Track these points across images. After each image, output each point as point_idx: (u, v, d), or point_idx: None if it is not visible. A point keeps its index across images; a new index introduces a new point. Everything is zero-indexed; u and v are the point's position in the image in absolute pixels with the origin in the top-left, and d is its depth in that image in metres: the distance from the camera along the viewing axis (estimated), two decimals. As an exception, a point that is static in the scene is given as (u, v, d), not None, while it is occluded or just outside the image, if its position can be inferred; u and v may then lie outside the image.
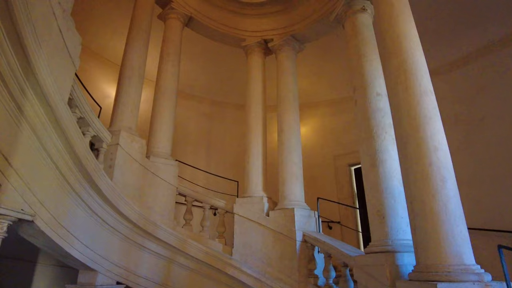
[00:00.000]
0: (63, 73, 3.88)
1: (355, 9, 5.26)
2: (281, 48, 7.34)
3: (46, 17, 3.43)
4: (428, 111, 3.42)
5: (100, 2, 7.81)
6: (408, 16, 3.96)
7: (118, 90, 5.93)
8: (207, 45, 8.74)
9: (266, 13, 7.79)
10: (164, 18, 7.50)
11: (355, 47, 5.04)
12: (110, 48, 8.97)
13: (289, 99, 6.77)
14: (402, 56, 3.72)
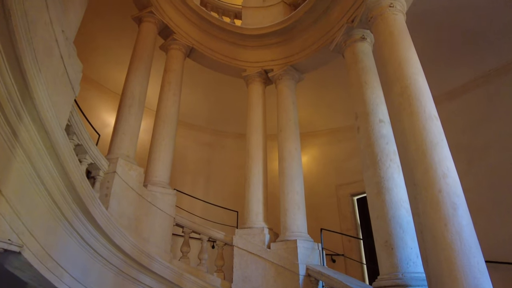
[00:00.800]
0: (62, 99, 3.83)
1: (355, 38, 5.35)
2: (281, 78, 7.41)
3: (48, 42, 3.43)
4: (435, 136, 3.34)
5: (102, 34, 7.99)
6: (408, 43, 3.99)
7: (118, 118, 5.89)
8: (208, 75, 8.84)
9: (266, 45, 7.96)
10: (166, 48, 7.64)
11: (356, 75, 5.07)
12: (111, 78, 9.07)
13: (290, 127, 6.73)
14: (404, 82, 3.71)
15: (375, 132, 4.49)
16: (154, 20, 7.18)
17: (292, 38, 7.43)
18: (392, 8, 4.35)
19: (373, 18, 4.59)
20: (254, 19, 8.43)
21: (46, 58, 3.42)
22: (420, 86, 3.66)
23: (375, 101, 4.69)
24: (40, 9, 3.29)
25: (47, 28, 3.47)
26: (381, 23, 4.38)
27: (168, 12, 7.62)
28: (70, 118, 4.28)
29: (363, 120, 4.68)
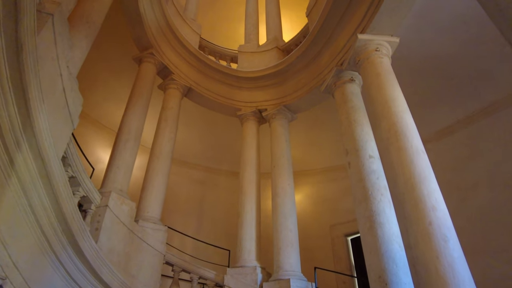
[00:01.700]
0: (61, 130, 3.93)
1: (344, 80, 5.67)
2: (275, 117, 7.66)
3: (53, 76, 3.60)
4: (423, 170, 3.45)
5: (103, 72, 8.31)
6: (394, 83, 4.26)
7: (113, 152, 5.95)
8: (204, 114, 9.09)
9: (261, 86, 8.32)
10: (164, 88, 7.93)
11: (346, 113, 5.30)
12: (109, 116, 9.26)
13: (283, 164, 6.83)
14: (392, 119, 3.90)
15: (365, 168, 4.61)
16: (154, 61, 7.53)
17: (285, 80, 7.80)
18: (378, 52, 4.69)
19: (360, 61, 4.93)
20: (249, 63, 8.88)
21: (50, 90, 3.57)
22: (406, 122, 3.85)
23: (365, 138, 4.86)
24: (49, 45, 3.50)
25: (53, 63, 3.67)
26: (368, 66, 4.70)
27: (167, 54, 8.02)
28: (67, 150, 4.34)
29: (354, 156, 4.82)
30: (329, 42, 6.18)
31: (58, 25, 3.64)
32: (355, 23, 5.18)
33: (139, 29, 7.21)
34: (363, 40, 4.85)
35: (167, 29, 8.06)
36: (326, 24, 6.08)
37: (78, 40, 4.66)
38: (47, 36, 3.44)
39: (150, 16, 7.41)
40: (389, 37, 4.79)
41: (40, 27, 3.31)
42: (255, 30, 10.04)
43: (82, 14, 4.82)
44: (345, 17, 5.55)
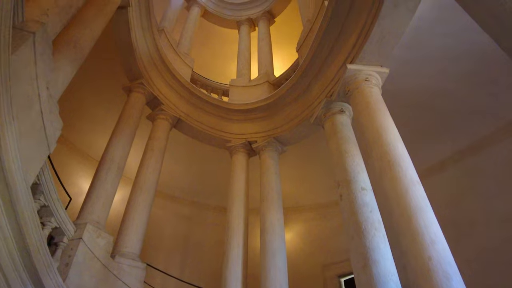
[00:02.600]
0: (34, 153, 3.67)
1: (334, 111, 5.60)
2: (264, 149, 7.50)
3: (30, 95, 3.42)
4: (419, 201, 3.24)
5: (92, 101, 8.20)
6: (385, 112, 4.17)
7: (94, 181, 5.64)
8: (192, 145, 8.90)
9: (251, 118, 8.25)
10: (153, 118, 7.79)
11: (336, 144, 5.16)
12: (95, 145, 9.00)
13: (273, 197, 6.55)
14: (384, 147, 3.75)
15: (357, 200, 4.38)
16: (143, 91, 7.46)
17: (275, 113, 7.74)
18: (368, 82, 4.67)
19: (350, 91, 4.89)
20: (240, 96, 8.88)
21: (25, 110, 3.36)
22: (399, 152, 3.70)
23: (356, 169, 4.68)
24: (28, 63, 3.34)
25: (31, 82, 3.49)
26: (358, 95, 4.65)
27: (158, 85, 7.98)
28: (40, 176, 4.04)
29: (345, 188, 4.60)
30: (319, 74, 6.21)
31: (40, 45, 3.52)
32: (344, 54, 5.21)
33: (130, 59, 7.21)
34: (352, 70, 4.84)
35: (159, 61, 8.09)
36: (315, 57, 6.14)
37: (63, 64, 4.55)
38: (26, 55, 3.30)
39: (142, 47, 7.46)
40: (379, 68, 4.80)
41: (19, 44, 3.18)
42: (247, 66, 10.19)
43: (71, 39, 4.76)
44: (334, 50, 5.61)
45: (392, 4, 3.80)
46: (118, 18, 6.58)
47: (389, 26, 4.12)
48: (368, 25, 4.38)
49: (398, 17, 3.99)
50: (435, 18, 4.70)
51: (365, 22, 4.46)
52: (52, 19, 4.01)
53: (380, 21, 4.06)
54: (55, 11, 4.11)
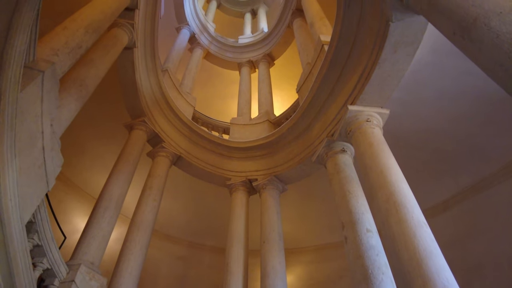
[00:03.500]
0: (32, 191, 3.59)
1: (336, 151, 5.61)
2: (265, 187, 7.41)
3: (33, 132, 3.41)
4: (428, 245, 3.13)
5: (92, 138, 8.21)
6: (388, 152, 4.17)
7: (90, 220, 5.48)
8: (191, 183, 8.80)
9: (252, 156, 8.24)
10: (153, 155, 7.77)
11: (339, 184, 5.09)
12: (93, 183, 8.88)
13: (274, 238, 6.33)
14: (389, 189, 3.70)
15: (363, 243, 4.22)
16: (145, 128, 7.51)
17: (276, 151, 7.75)
18: (369, 122, 4.72)
19: (351, 131, 4.93)
20: (241, 134, 8.95)
21: (27, 147, 3.34)
22: (405, 193, 3.65)
23: (360, 210, 4.58)
24: (35, 101, 3.38)
25: (36, 119, 3.51)
26: (360, 136, 4.68)
27: (160, 123, 8.06)
28: (36, 213, 3.93)
29: (350, 230, 4.46)
30: (319, 114, 6.30)
31: (48, 83, 3.59)
32: (345, 96, 5.32)
33: (133, 97, 7.34)
34: (353, 111, 4.92)
35: (162, 99, 8.25)
36: (316, 98, 6.27)
37: (68, 102, 4.60)
38: (33, 92, 3.34)
39: (145, 86, 7.63)
40: (379, 109, 4.89)
41: (27, 83, 3.23)
42: (247, 105, 10.38)
43: (77, 77, 4.87)
44: (335, 91, 5.74)
45: (392, 49, 3.95)
46: (123, 58, 6.79)
47: (389, 69, 4.26)
48: (368, 69, 4.52)
49: (398, 61, 4.14)
50: (432, 62, 4.87)
51: (365, 66, 4.61)
52: (62, 59, 4.13)
53: (381, 64, 4.20)
54: (65, 51, 4.24)
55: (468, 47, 1.98)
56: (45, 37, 4.20)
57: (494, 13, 1.78)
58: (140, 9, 6.81)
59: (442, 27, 2.30)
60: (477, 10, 1.89)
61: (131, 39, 6.51)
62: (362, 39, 4.73)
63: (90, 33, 4.86)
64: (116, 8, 5.81)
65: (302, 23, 10.11)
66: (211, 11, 15.61)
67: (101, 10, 5.30)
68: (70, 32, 4.49)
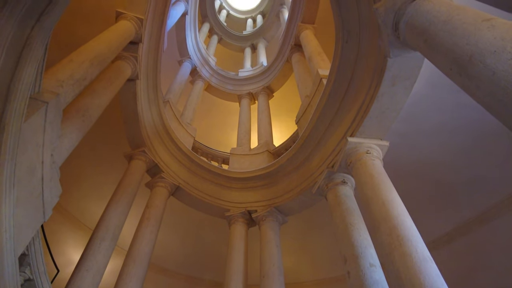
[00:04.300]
0: (28, 222, 3.52)
1: (336, 182, 5.57)
2: (265, 219, 7.28)
3: (33, 162, 3.40)
4: (434, 281, 3.03)
5: (92, 167, 8.18)
6: (389, 184, 4.14)
7: (85, 252, 5.33)
8: (189, 214, 8.67)
9: (251, 187, 8.17)
10: (152, 186, 7.71)
11: (341, 216, 5.01)
12: (89, 213, 8.74)
13: (274, 273, 6.12)
14: (392, 222, 3.64)
15: (367, 278, 4.09)
16: (145, 158, 7.51)
17: (276, 182, 7.70)
18: (369, 154, 4.74)
19: (352, 163, 4.93)
20: (240, 164, 8.93)
21: (26, 176, 3.31)
22: (408, 226, 3.58)
23: (363, 243, 4.47)
24: (37, 131, 3.40)
25: (37, 149, 3.51)
26: (361, 167, 4.67)
27: (160, 153, 8.07)
28: (30, 246, 3.84)
29: (353, 264, 4.34)
30: (319, 145, 6.33)
31: (51, 114, 3.63)
32: (345, 127, 5.38)
33: (134, 128, 7.40)
34: (353, 143, 4.95)
35: (163, 130, 8.31)
36: (315, 130, 6.33)
37: (70, 132, 4.63)
38: (36, 123, 3.37)
39: (147, 117, 7.72)
40: (379, 141, 4.92)
41: (31, 113, 3.27)
42: (247, 136, 10.45)
43: (80, 107, 4.93)
44: (334, 123, 5.81)
45: (390, 83, 4.05)
46: (126, 90, 6.92)
47: (387, 102, 4.34)
48: (367, 102, 4.61)
49: (396, 94, 4.23)
50: (429, 95, 4.99)
51: (364, 99, 4.70)
52: (66, 90, 4.20)
53: (379, 98, 4.29)
54: (70, 83, 4.33)
55: (466, 83, 2.04)
56: (51, 69, 4.30)
57: (489, 51, 1.85)
58: (144, 43, 7.04)
59: (439, 64, 2.37)
60: (472, 49, 1.97)
61: (134, 71, 6.68)
62: (360, 73, 4.87)
63: (95, 66, 4.98)
64: (122, 42, 6.00)
65: (300, 58, 10.42)
66: (212, 46, 16.15)
67: (107, 44, 5.48)
68: (76, 65, 4.60)
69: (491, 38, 1.89)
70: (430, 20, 2.46)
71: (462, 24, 2.14)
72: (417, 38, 2.65)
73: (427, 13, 2.54)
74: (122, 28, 6.18)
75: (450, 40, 2.16)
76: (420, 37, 2.58)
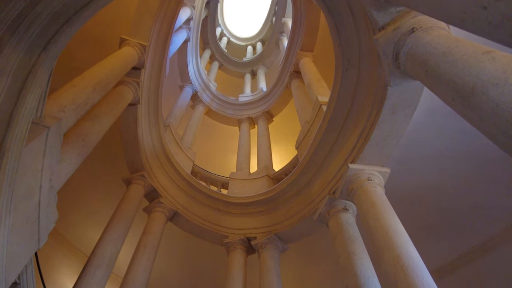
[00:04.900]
0: (22, 249, 3.41)
1: (338, 209, 5.49)
2: (265, 246, 7.11)
3: (32, 187, 3.35)
4: (441, 315, 2.91)
5: (89, 192, 8.08)
6: (392, 212, 4.08)
7: (79, 280, 5.15)
8: (187, 241, 8.49)
9: (250, 213, 8.05)
10: (150, 211, 7.60)
11: (343, 245, 4.90)
12: (85, 239, 8.54)
13: (274, 304, 5.91)
14: (395, 251, 3.55)
15: (372, 311, 3.95)
16: (143, 183, 7.44)
17: (276, 208, 7.60)
18: (371, 181, 4.70)
19: (353, 190, 4.88)
20: (240, 189, 8.84)
21: (23, 202, 3.26)
22: (413, 256, 3.49)
23: (366, 273, 4.34)
24: (37, 155, 3.38)
25: (36, 174, 3.47)
26: (362, 194, 4.62)
27: (158, 177, 8.01)
28: (22, 274, 3.70)
29: (356, 295, 4.19)
30: (319, 171, 6.30)
31: (52, 138, 3.62)
32: (345, 154, 5.37)
33: (134, 152, 7.38)
34: (354, 170, 4.93)
35: (162, 154, 8.29)
36: (315, 155, 6.32)
37: (70, 156, 4.61)
38: (37, 147, 3.36)
39: (147, 141, 7.72)
40: (380, 168, 4.90)
41: (32, 138, 3.26)
42: (246, 160, 10.42)
43: (80, 132, 4.93)
44: (334, 149, 5.81)
45: (390, 111, 4.09)
46: (127, 114, 6.97)
47: (388, 130, 4.36)
48: (367, 129, 4.64)
49: (396, 122, 4.26)
50: (429, 122, 5.02)
51: (364, 126, 4.73)
52: (68, 115, 4.21)
53: (380, 125, 4.31)
54: (71, 108, 4.35)
55: (469, 114, 2.05)
56: (54, 94, 4.34)
57: (491, 83, 1.88)
58: (146, 69, 7.16)
59: (441, 94, 2.40)
60: (474, 80, 1.99)
61: (135, 96, 6.74)
62: (360, 100, 4.92)
63: (97, 91, 5.03)
64: (124, 67, 6.10)
65: (299, 84, 10.59)
66: (213, 71, 16.46)
67: (110, 69, 5.56)
68: (78, 90, 4.64)
69: (493, 70, 1.92)
70: (430, 52, 2.52)
71: (463, 56, 2.18)
72: (418, 68, 2.69)
73: (427, 45, 2.60)
74: (125, 54, 6.30)
75: (451, 71, 2.20)
76: (420, 67, 2.63)
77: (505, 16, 1.41)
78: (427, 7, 2.09)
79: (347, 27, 4.63)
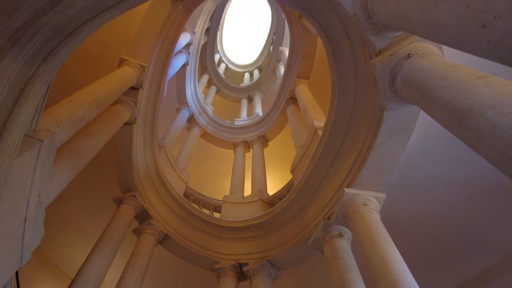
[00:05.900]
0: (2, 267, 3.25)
1: (333, 235, 5.38)
2: (257, 273, 6.88)
3: (18, 201, 3.25)
4: None
5: (79, 212, 7.86)
6: (388, 239, 4.01)
7: (60, 305, 4.89)
8: (176, 266, 8.20)
9: (243, 238, 7.86)
10: (140, 232, 7.39)
11: (338, 272, 4.75)
12: (71, 260, 8.22)
13: (265, 335, 5.64)
14: (392, 278, 3.45)
15: None
16: (134, 203, 7.29)
17: (269, 233, 7.43)
18: (367, 206, 4.65)
19: (349, 215, 4.81)
20: (233, 213, 8.68)
21: (8, 217, 3.14)
22: (410, 283, 3.39)
23: (362, 302, 4.21)
24: (27, 168, 3.30)
25: (24, 188, 3.38)
26: (358, 220, 4.55)
27: (150, 198, 7.86)
28: (1, 294, 3.49)
29: (353, 326, 4.03)
30: (314, 195, 6.23)
31: (44, 152, 3.55)
32: (341, 178, 5.34)
33: (127, 171, 7.28)
34: (350, 194, 4.88)
35: (155, 175, 8.18)
36: (310, 179, 6.28)
37: (61, 172, 4.51)
38: (28, 161, 3.28)
39: (140, 161, 7.64)
40: (376, 193, 4.86)
41: (24, 150, 3.19)
42: (240, 183, 10.31)
43: (74, 148, 4.87)
44: (330, 173, 5.78)
45: (386, 135, 4.12)
46: (123, 133, 6.93)
47: (384, 154, 4.38)
48: (363, 153, 4.65)
49: (392, 147, 4.28)
50: (424, 148, 5.05)
51: (360, 150, 4.74)
52: (63, 130, 4.17)
53: (376, 149, 4.33)
54: (67, 123, 4.31)
55: (466, 136, 2.06)
56: (50, 108, 4.31)
57: (488, 105, 1.91)
58: (145, 89, 7.21)
59: (438, 117, 2.43)
60: (471, 103, 2.02)
61: (132, 115, 6.74)
62: (356, 125, 4.96)
63: (94, 108, 5.02)
64: (123, 86, 6.14)
65: (295, 110, 10.72)
66: (210, 95, 16.65)
67: (108, 88, 5.58)
68: (75, 105, 4.63)
69: (489, 93, 1.95)
70: (426, 76, 2.57)
71: (459, 80, 2.23)
72: (415, 92, 2.74)
73: (423, 69, 2.66)
74: (124, 74, 6.36)
75: (448, 94, 2.23)
76: (417, 91, 2.67)
77: (504, 33, 1.45)
78: (425, 30, 2.15)
79: (344, 53, 4.75)
